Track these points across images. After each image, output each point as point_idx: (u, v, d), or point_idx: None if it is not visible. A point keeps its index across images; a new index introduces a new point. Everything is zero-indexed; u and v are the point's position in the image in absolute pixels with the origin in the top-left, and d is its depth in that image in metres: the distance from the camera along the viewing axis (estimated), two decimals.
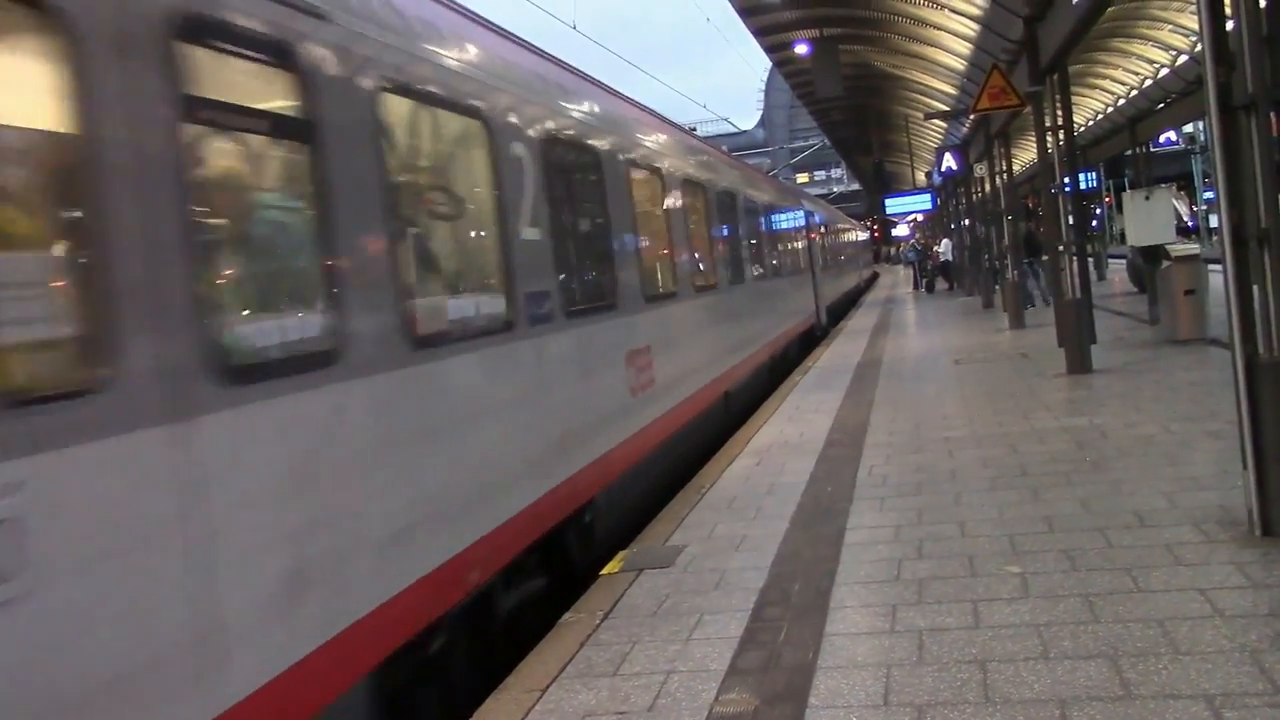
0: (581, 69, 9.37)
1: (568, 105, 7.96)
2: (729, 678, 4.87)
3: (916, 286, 43.91)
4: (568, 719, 4.65)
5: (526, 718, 4.71)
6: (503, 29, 7.45)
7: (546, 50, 8.42)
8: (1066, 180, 15.07)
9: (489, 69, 6.52)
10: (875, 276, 64.97)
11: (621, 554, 7.25)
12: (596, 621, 5.90)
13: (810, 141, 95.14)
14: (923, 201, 42.52)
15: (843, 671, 4.78)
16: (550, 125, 7.34)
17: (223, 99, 4.03)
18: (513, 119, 6.63)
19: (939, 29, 22.11)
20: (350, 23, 4.83)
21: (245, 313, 4.33)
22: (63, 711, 3.00)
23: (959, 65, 24.10)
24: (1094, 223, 35.70)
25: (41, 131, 3.29)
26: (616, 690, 4.90)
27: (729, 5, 22.62)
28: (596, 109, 8.67)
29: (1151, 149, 35.40)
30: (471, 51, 6.35)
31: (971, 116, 24.74)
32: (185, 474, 3.47)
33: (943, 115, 28.53)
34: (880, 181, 44.61)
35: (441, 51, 5.83)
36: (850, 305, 38.56)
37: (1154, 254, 16.90)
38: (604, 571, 6.89)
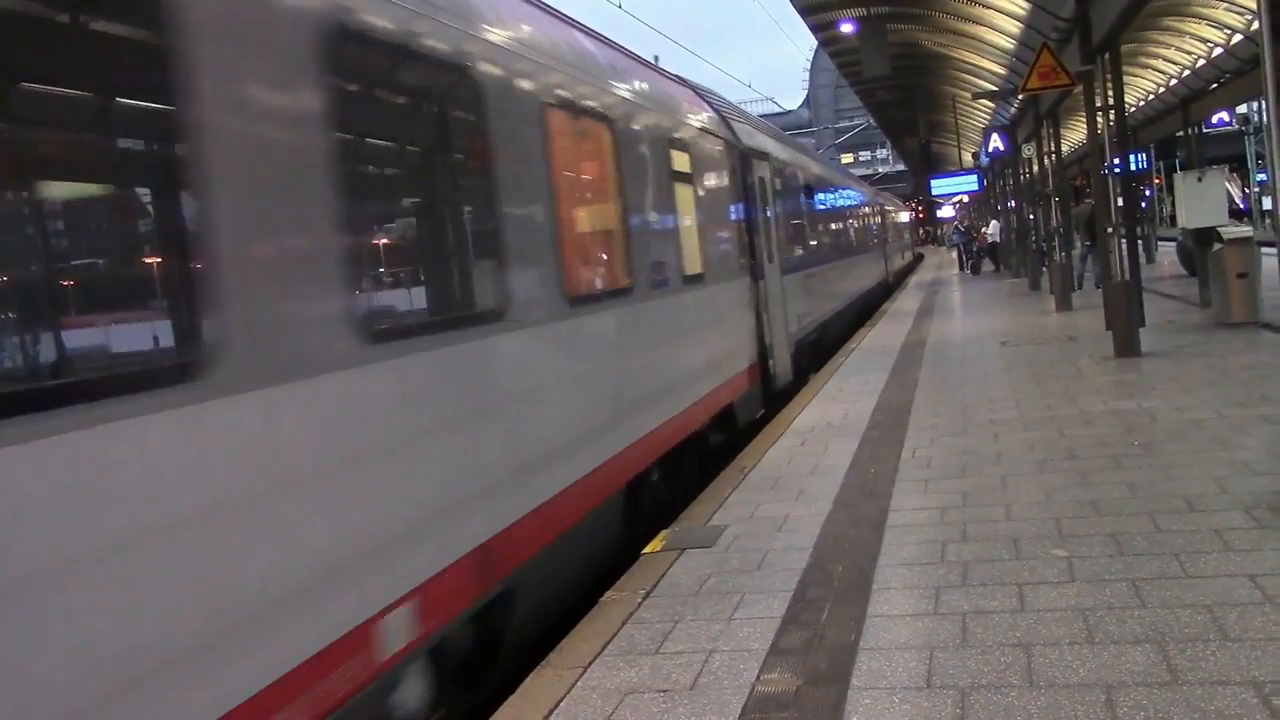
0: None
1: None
2: (771, 657, 4.87)
3: (962, 268, 43.55)
4: (610, 696, 4.67)
5: (569, 694, 4.74)
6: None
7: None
8: (1117, 161, 14.87)
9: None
10: (919, 259, 64.34)
11: (663, 533, 7.27)
12: (638, 600, 5.91)
13: (855, 122, 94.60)
14: (969, 182, 42.03)
15: (885, 653, 4.77)
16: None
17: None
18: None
19: (988, 7, 21.80)
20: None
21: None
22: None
23: (1008, 44, 23.76)
24: (1143, 204, 35.21)
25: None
26: (659, 668, 4.92)
27: None
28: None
29: (1204, 130, 34.82)
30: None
31: (1020, 96, 24.42)
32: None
33: (991, 95, 28.19)
34: (926, 162, 44.06)
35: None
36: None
37: (1205, 236, 16.64)
38: (646, 551, 6.91)
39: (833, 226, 23.04)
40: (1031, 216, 29.97)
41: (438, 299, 5.34)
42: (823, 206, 21.29)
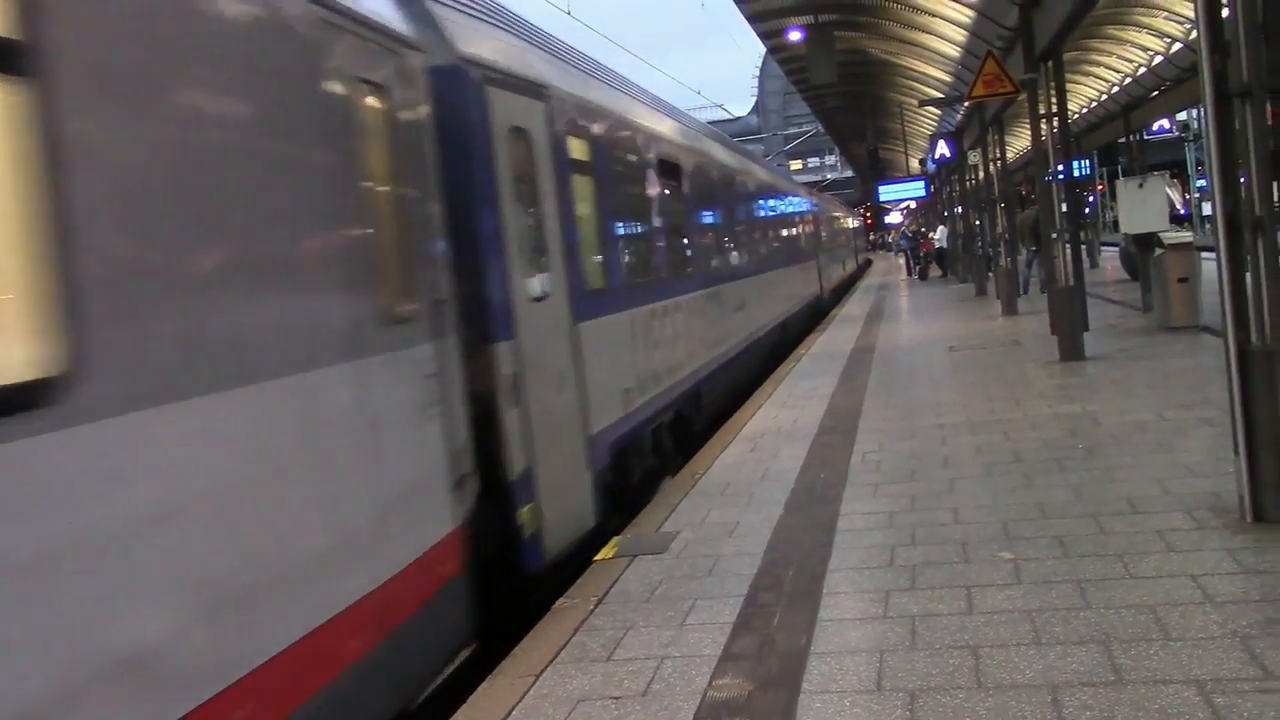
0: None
1: None
2: (723, 663, 4.88)
3: (910, 274, 43.96)
4: (562, 704, 4.66)
5: (521, 702, 4.72)
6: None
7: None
8: (1060, 168, 15.08)
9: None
10: (867, 264, 64.94)
11: (615, 540, 7.26)
12: (590, 607, 5.90)
13: (804, 128, 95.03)
14: (916, 189, 42.52)
15: (836, 657, 4.80)
16: None
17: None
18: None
19: (934, 15, 22.04)
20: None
21: None
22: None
23: (954, 52, 24.03)
24: (1086, 210, 35.75)
25: None
26: (611, 675, 4.91)
27: None
28: None
29: (1145, 137, 35.44)
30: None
31: (966, 103, 24.71)
32: None
33: (937, 102, 28.50)
34: (874, 168, 44.52)
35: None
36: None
37: (1147, 241, 16.92)
38: (597, 558, 6.90)
39: (725, 230, 15.50)
40: (978, 222, 30.31)
41: None
42: (703, 198, 13.69)
